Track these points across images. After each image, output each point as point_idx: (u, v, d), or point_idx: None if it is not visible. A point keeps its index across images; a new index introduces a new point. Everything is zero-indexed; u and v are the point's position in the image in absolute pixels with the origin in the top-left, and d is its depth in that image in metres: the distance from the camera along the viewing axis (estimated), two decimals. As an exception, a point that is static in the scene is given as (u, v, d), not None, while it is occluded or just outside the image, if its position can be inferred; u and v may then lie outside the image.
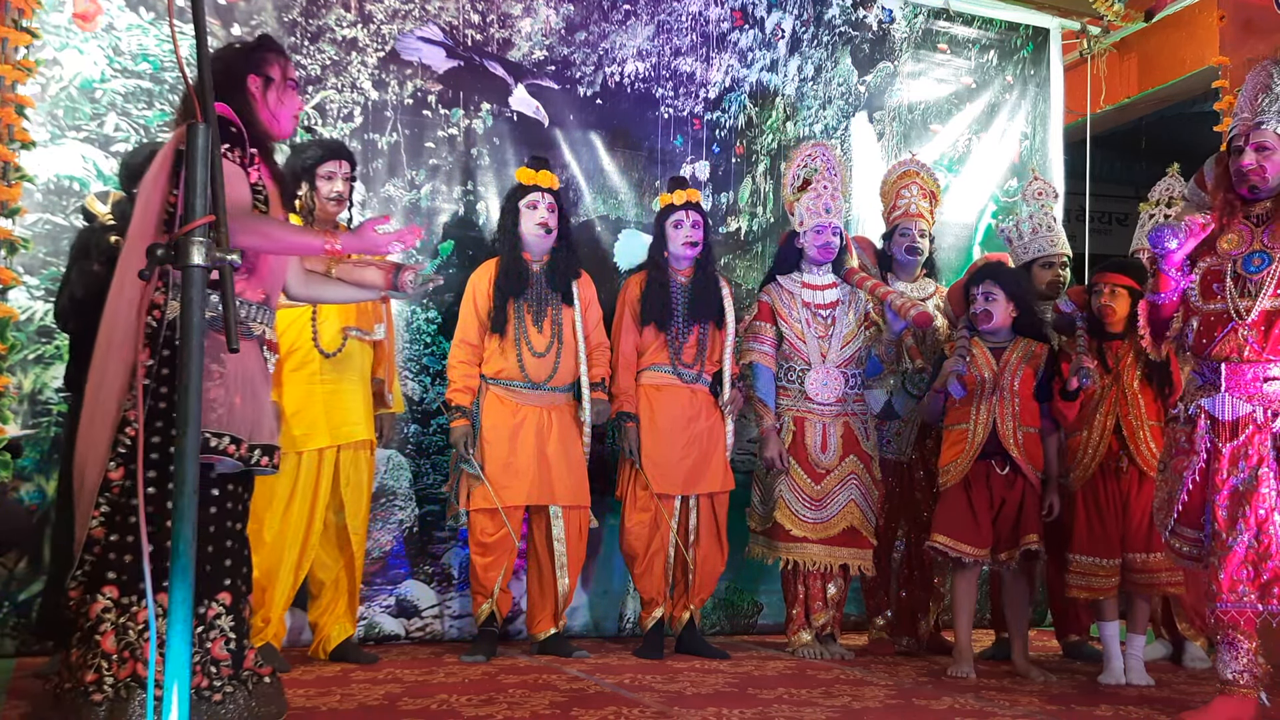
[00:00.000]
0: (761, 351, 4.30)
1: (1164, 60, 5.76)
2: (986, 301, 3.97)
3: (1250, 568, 2.95)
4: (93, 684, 2.24)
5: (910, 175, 4.59)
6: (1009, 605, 4.04)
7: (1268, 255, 3.03)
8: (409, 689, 3.28)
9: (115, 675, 2.23)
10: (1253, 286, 3.02)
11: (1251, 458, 2.99)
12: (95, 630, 2.28)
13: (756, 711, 3.02)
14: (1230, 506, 3.00)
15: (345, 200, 3.82)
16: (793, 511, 4.20)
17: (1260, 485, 2.96)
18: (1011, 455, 3.87)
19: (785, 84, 5.20)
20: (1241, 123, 3.10)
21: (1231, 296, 3.04)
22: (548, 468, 3.99)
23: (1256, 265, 3.03)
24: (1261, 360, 3.00)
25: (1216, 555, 3.00)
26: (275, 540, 3.63)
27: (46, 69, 3.94)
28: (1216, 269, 3.10)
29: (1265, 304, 3.00)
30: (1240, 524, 2.96)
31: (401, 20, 4.51)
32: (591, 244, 4.78)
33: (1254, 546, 2.94)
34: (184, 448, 1.61)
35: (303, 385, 3.72)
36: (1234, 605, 2.95)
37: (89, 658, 2.26)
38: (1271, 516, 2.94)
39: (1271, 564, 2.92)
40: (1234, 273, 3.06)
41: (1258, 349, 3.00)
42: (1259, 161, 3.03)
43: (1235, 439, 3.02)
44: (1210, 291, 3.10)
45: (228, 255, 1.70)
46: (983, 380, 3.93)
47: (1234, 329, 3.03)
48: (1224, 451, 3.03)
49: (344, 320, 3.77)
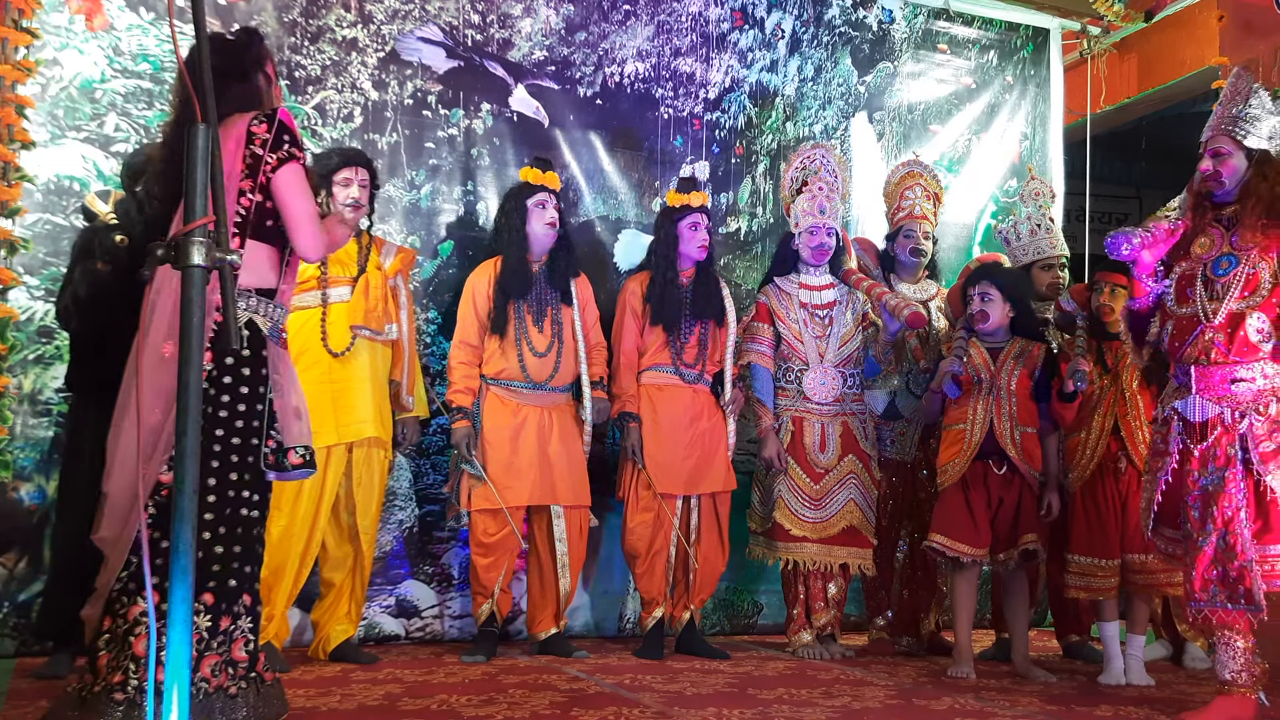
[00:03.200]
0: (759, 352, 4.31)
1: (1164, 60, 5.76)
2: (983, 302, 3.97)
3: (1219, 567, 2.99)
4: (118, 685, 2.25)
5: (914, 176, 4.59)
6: (1009, 605, 4.04)
7: (1235, 258, 3.09)
8: (409, 689, 3.28)
9: (140, 679, 2.24)
10: (1220, 289, 3.08)
11: (1219, 459, 3.04)
12: (130, 633, 2.29)
13: (756, 712, 3.03)
14: (1201, 507, 3.05)
15: (362, 207, 3.84)
16: (792, 511, 4.21)
17: (1227, 486, 3.01)
18: (1009, 455, 3.87)
19: (785, 84, 5.20)
20: (1207, 129, 3.21)
21: (1201, 300, 3.11)
22: (549, 468, 3.99)
23: (1224, 268, 3.10)
24: (1229, 362, 3.06)
25: (1189, 555, 3.05)
26: (281, 538, 3.63)
27: (46, 69, 3.94)
28: (1190, 273, 3.17)
29: (1231, 306, 3.06)
30: (1209, 524, 3.01)
31: (401, 20, 4.50)
32: (591, 244, 4.78)
33: (1221, 546, 2.99)
34: (184, 448, 1.60)
35: (311, 385, 3.70)
36: (1206, 605, 3.00)
37: (120, 660, 2.27)
38: (1238, 516, 2.99)
39: (1237, 563, 2.96)
40: (1204, 276, 3.13)
41: (1224, 351, 3.06)
42: (1215, 166, 3.14)
43: (1205, 440, 3.08)
44: (1184, 295, 3.17)
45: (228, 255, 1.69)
46: (979, 380, 3.93)
47: (1201, 331, 3.09)
48: (1195, 453, 3.09)
49: (351, 320, 3.78)
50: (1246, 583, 2.94)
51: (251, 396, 2.44)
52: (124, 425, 2.36)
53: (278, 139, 2.44)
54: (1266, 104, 3.17)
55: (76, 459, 3.45)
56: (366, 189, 3.86)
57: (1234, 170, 3.13)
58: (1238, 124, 3.13)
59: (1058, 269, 4.45)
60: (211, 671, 2.34)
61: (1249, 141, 3.12)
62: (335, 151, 3.94)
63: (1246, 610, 2.94)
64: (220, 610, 2.39)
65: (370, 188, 3.89)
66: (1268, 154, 3.13)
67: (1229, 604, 2.96)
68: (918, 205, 4.53)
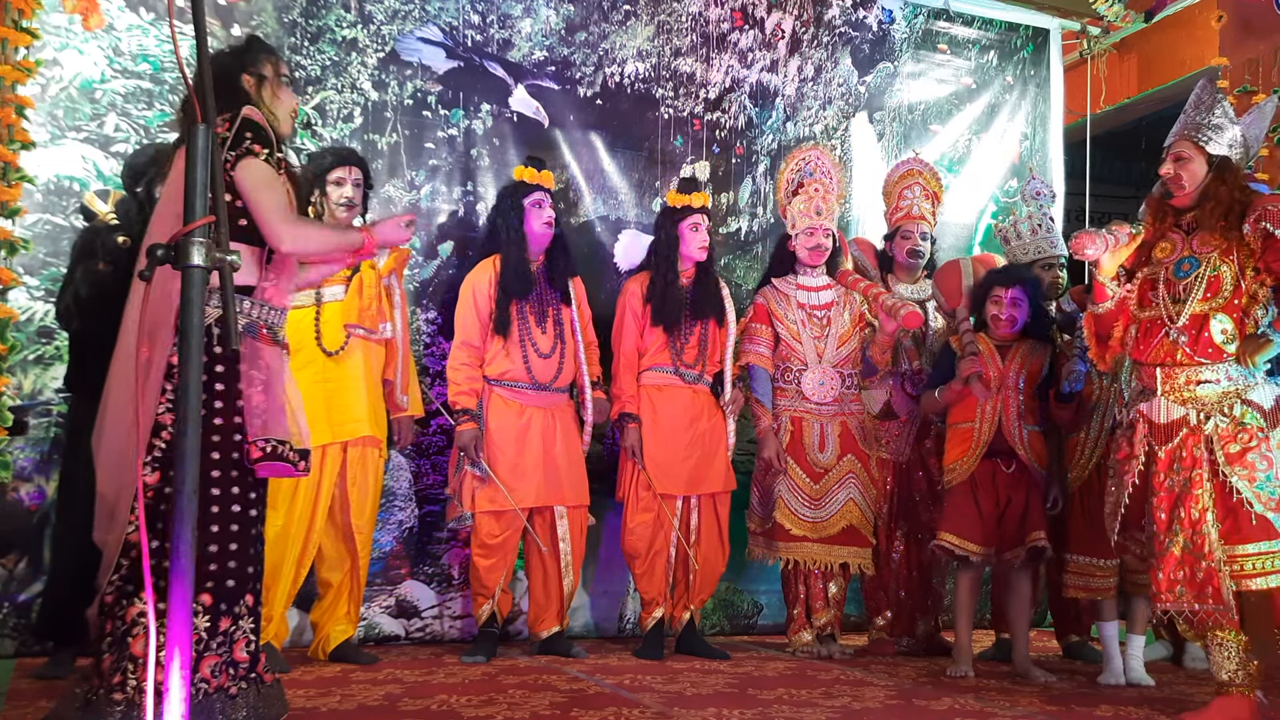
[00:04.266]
0: (758, 353, 4.32)
1: (1164, 60, 5.77)
2: (1014, 307, 3.97)
3: (1186, 568, 3.00)
4: (117, 685, 2.25)
5: (913, 175, 4.59)
6: (1012, 605, 4.03)
7: (1196, 260, 3.12)
8: (409, 689, 3.28)
9: (139, 679, 2.24)
10: (1182, 291, 3.11)
11: (1186, 460, 3.05)
12: (128, 634, 2.29)
13: (756, 712, 3.03)
14: (1168, 509, 3.06)
15: (356, 206, 3.85)
16: (792, 511, 4.21)
17: (1194, 487, 3.03)
18: (1017, 453, 3.87)
19: (785, 84, 5.20)
20: (1171, 134, 3.24)
21: (1164, 302, 3.14)
22: (554, 468, 4.00)
23: (1185, 270, 3.13)
24: (1193, 363, 3.08)
25: (1156, 556, 3.07)
26: (278, 538, 3.64)
27: (46, 69, 3.94)
28: (1151, 277, 3.21)
29: (1194, 308, 3.09)
30: (1176, 525, 3.02)
31: (401, 21, 4.51)
32: (591, 244, 4.78)
33: (1189, 547, 3.00)
34: (184, 448, 1.60)
35: (305, 384, 3.71)
36: (1173, 605, 3.03)
37: (120, 660, 2.28)
38: (1205, 517, 3.00)
39: (1204, 564, 2.97)
40: (1166, 279, 3.16)
41: (1189, 352, 3.08)
42: (1175, 170, 3.18)
43: (1170, 442, 3.09)
44: (1146, 299, 3.21)
45: (227, 255, 1.69)
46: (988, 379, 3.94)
47: (1166, 333, 3.11)
48: (1160, 455, 3.10)
49: (345, 319, 3.78)
50: (1214, 583, 2.96)
51: (228, 393, 2.42)
52: (105, 426, 2.37)
53: (238, 136, 2.42)
54: (1230, 114, 3.23)
55: (76, 459, 3.44)
56: (360, 188, 3.86)
57: (1195, 175, 3.17)
58: (1200, 130, 3.18)
59: (1057, 269, 4.45)
60: (211, 672, 2.34)
61: (1211, 148, 3.16)
62: (328, 151, 3.96)
63: (1214, 610, 2.95)
64: (220, 611, 2.38)
65: (364, 187, 3.89)
66: (1228, 160, 3.16)
67: (1196, 604, 2.98)
68: (915, 205, 4.53)
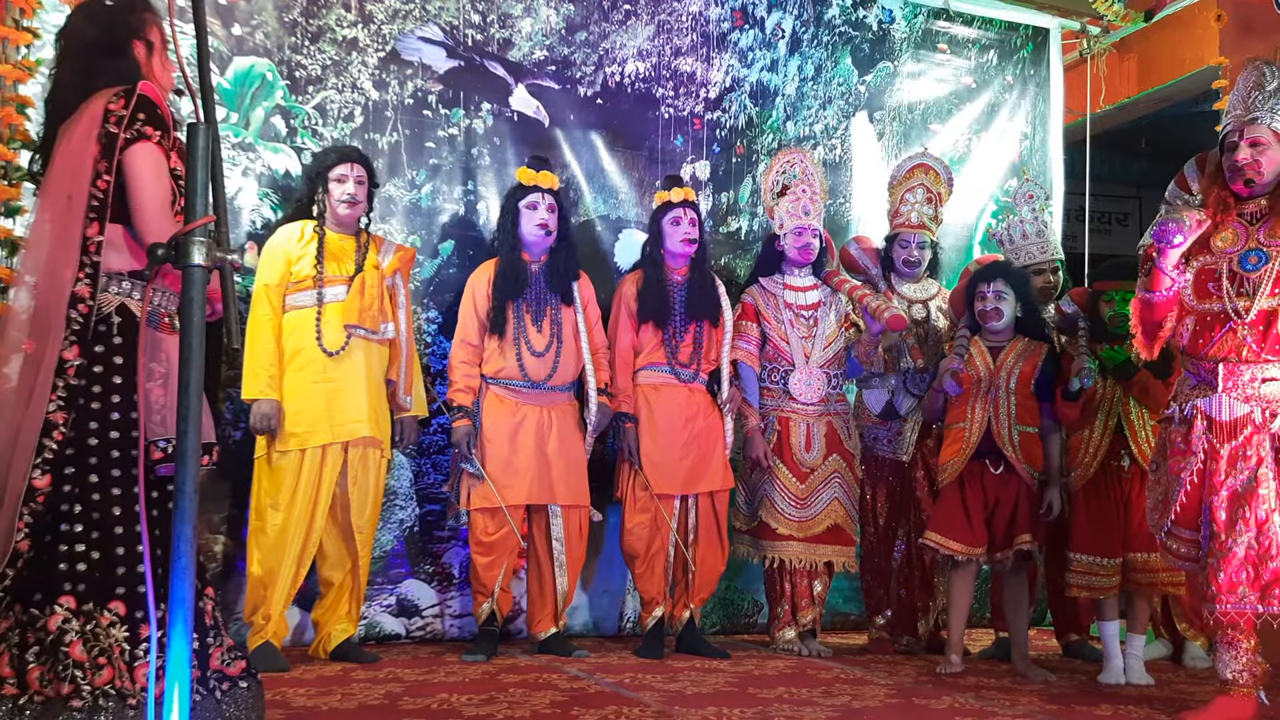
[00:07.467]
0: (746, 350, 4.32)
1: (1164, 60, 5.76)
2: (998, 300, 3.97)
3: (1250, 569, 2.93)
4: (70, 694, 2.14)
5: (918, 173, 4.57)
6: (1008, 605, 4.05)
7: (1264, 253, 3.00)
8: (410, 688, 3.28)
9: (92, 683, 2.15)
10: (1250, 285, 2.99)
11: (1250, 459, 2.97)
12: (60, 643, 2.17)
13: (756, 711, 3.03)
14: (1230, 508, 2.97)
15: (358, 203, 3.85)
16: (778, 510, 4.23)
17: (1259, 486, 2.94)
18: (1005, 455, 3.88)
19: (785, 84, 5.20)
20: (1235, 119, 3.08)
21: (1229, 295, 3.01)
22: (548, 467, 3.99)
23: (1254, 264, 3.00)
24: (1260, 360, 2.99)
25: (1215, 557, 2.97)
26: (277, 537, 3.64)
27: (47, 69, 3.93)
28: (1211, 267, 3.07)
29: (1263, 303, 2.97)
30: (1240, 525, 2.94)
31: (402, 20, 4.51)
32: (591, 244, 4.78)
33: (1254, 548, 2.93)
34: (184, 448, 1.60)
35: (306, 384, 3.74)
36: (1234, 606, 2.93)
37: (60, 670, 2.15)
38: (1271, 518, 2.92)
39: (1272, 565, 2.91)
40: (1230, 271, 3.03)
41: (1256, 349, 2.98)
42: (1254, 156, 3.02)
43: (1234, 440, 3.00)
44: (1205, 291, 3.07)
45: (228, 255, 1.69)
46: (979, 379, 3.94)
47: (1232, 329, 3.00)
48: (1222, 453, 3.00)
49: (346, 319, 3.78)
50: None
51: (126, 386, 2.30)
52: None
53: (133, 116, 2.30)
54: None
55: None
56: (363, 185, 3.87)
57: (1275, 162, 3.02)
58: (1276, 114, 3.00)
59: (1048, 274, 4.45)
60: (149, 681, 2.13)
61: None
62: (332, 149, 3.98)
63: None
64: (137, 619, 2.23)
65: (368, 185, 3.90)
66: None
67: (1260, 606, 2.91)
68: (915, 212, 4.53)
